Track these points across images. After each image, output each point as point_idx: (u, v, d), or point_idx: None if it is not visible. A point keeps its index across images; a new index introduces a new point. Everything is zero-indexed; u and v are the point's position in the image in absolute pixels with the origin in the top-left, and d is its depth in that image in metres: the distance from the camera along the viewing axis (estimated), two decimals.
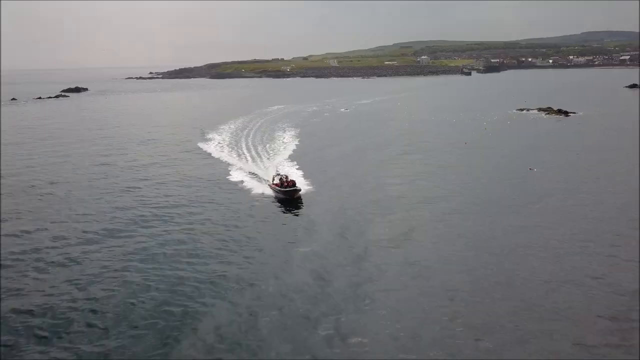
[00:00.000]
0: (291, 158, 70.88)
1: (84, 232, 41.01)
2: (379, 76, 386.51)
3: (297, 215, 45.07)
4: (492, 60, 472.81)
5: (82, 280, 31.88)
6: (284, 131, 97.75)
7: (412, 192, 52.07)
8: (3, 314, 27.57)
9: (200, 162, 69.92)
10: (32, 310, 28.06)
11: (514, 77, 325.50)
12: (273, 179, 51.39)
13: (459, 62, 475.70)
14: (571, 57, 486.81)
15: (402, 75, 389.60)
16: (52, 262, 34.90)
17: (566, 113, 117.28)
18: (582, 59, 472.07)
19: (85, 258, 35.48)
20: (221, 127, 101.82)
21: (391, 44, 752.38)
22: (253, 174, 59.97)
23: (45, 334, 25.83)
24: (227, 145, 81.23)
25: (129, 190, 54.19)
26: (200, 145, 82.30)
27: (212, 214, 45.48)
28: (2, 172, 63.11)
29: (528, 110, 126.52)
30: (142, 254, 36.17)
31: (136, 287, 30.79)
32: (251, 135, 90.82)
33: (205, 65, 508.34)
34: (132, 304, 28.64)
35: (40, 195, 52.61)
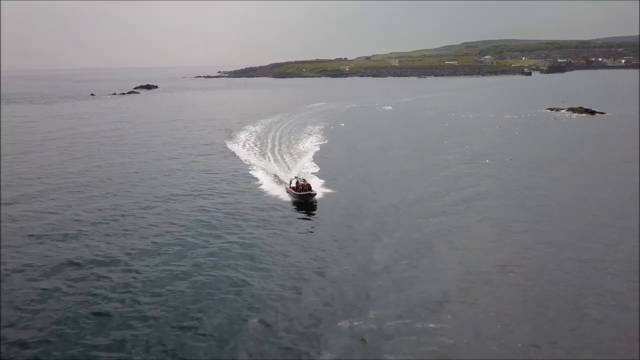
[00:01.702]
0: (315, 157, 72.26)
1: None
2: (435, 76, 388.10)
3: (308, 220, 44.26)
4: (559, 60, 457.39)
5: (86, 276, 32.57)
6: (314, 125, 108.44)
7: (428, 195, 51.43)
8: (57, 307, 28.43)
9: (222, 159, 71.94)
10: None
11: (577, 78, 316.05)
12: (290, 182, 51.70)
13: (525, 62, 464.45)
14: None
15: (460, 75, 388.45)
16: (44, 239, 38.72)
17: (593, 113, 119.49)
18: None
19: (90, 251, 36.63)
20: (252, 124, 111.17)
21: (459, 43, 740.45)
22: (275, 176, 60.29)
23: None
24: (253, 143, 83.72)
25: (152, 178, 61.20)
26: (227, 143, 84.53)
27: (224, 211, 46.32)
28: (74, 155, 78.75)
29: (558, 110, 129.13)
30: (140, 248, 37.22)
31: (137, 284, 31.12)
32: (278, 133, 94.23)
33: (269, 65, 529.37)
34: (135, 300, 29.14)
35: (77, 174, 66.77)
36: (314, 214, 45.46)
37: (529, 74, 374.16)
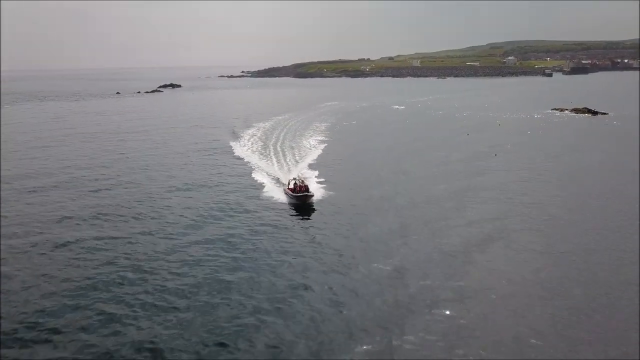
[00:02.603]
0: (317, 157, 72.66)
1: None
2: (455, 76, 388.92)
3: (302, 222, 43.53)
4: (583, 62, 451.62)
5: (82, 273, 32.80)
6: (321, 123, 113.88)
7: (423, 194, 51.65)
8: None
9: (229, 161, 71.50)
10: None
11: (598, 79, 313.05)
12: (288, 183, 51.23)
13: (549, 63, 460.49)
14: None
15: (480, 76, 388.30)
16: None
17: (595, 113, 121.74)
18: None
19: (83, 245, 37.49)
20: (261, 122, 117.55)
21: (485, 43, 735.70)
22: (275, 177, 59.65)
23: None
24: (258, 139, 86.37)
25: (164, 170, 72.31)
26: (231, 143, 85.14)
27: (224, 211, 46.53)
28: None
29: (562, 110, 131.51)
30: (139, 244, 37.82)
31: (133, 282, 31.51)
32: (284, 133, 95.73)
33: (291, 65, 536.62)
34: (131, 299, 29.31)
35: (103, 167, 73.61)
36: (309, 217, 44.35)
37: (550, 75, 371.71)
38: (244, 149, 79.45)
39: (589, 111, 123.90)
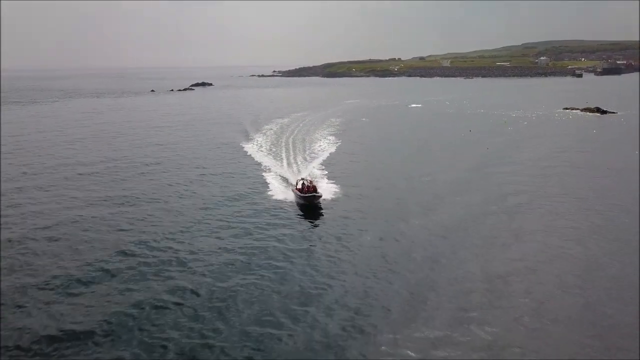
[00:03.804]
0: (328, 156, 72.82)
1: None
2: (483, 77, 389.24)
3: (310, 223, 42.74)
4: (618, 62, 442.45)
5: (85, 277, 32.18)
6: (336, 118, 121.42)
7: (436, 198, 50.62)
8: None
9: (241, 156, 73.68)
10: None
11: (630, 80, 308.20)
12: (297, 184, 50.46)
13: (583, 64, 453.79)
14: None
15: (508, 76, 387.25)
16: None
17: (604, 112, 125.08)
18: None
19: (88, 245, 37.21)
20: (279, 119, 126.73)
21: (520, 43, 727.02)
22: (283, 177, 59.17)
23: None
24: (268, 142, 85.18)
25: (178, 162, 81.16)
26: (243, 144, 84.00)
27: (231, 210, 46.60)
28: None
29: (572, 109, 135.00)
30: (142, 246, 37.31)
31: (135, 282, 31.25)
32: (297, 130, 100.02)
33: (321, 65, 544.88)
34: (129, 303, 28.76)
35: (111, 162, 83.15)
36: (319, 218, 43.74)
37: (580, 75, 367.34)
38: (256, 146, 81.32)
39: (598, 110, 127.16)
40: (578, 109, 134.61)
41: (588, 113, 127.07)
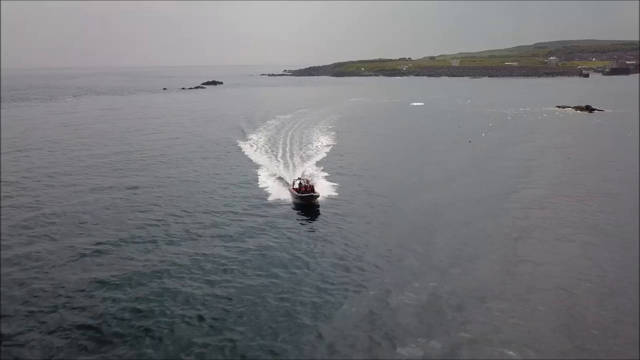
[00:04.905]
0: (326, 155, 73.43)
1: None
2: (490, 76, 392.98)
3: (308, 223, 42.62)
4: (627, 63, 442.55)
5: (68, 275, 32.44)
6: (336, 115, 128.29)
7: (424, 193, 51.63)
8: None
9: (238, 154, 74.21)
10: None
11: (634, 80, 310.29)
12: (294, 183, 50.28)
13: (594, 64, 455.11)
14: None
15: (515, 76, 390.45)
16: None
17: (592, 110, 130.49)
18: None
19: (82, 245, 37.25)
20: (281, 115, 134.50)
21: (532, 43, 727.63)
22: (280, 177, 58.72)
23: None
24: (263, 144, 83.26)
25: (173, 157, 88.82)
26: (240, 143, 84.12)
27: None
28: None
29: (565, 107, 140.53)
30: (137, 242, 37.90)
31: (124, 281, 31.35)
32: (297, 125, 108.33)
33: (331, 64, 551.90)
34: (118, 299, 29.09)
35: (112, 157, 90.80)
36: (316, 217, 43.61)
37: (587, 75, 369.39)
38: (254, 143, 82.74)
39: (587, 108, 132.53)
40: (570, 107, 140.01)
41: (578, 111, 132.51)
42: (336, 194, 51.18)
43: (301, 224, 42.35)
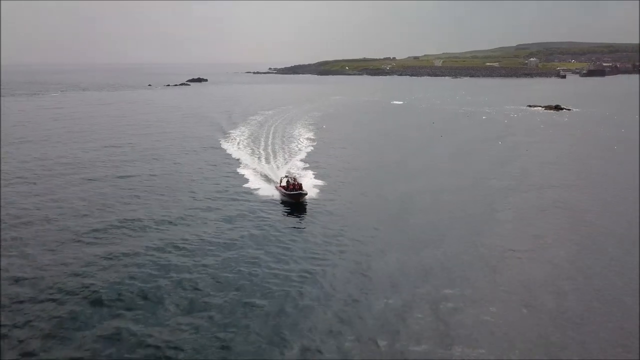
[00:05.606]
0: (308, 152, 74.35)
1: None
2: (471, 76, 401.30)
3: (297, 221, 43.05)
4: (604, 64, 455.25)
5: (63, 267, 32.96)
6: (317, 112, 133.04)
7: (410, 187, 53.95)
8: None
9: (219, 152, 73.67)
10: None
11: (611, 82, 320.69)
12: (280, 181, 50.12)
13: (572, 65, 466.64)
14: None
15: (495, 76, 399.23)
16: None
17: (560, 109, 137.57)
18: None
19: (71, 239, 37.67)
20: (265, 110, 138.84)
21: (514, 44, 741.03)
22: (264, 175, 58.61)
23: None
24: (248, 138, 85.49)
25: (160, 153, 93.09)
26: (222, 142, 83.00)
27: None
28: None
29: (535, 106, 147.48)
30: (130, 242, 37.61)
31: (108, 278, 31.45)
32: (277, 122, 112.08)
33: (315, 63, 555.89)
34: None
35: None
36: (303, 216, 44.22)
37: (564, 77, 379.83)
38: (235, 142, 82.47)
39: (555, 107, 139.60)
40: (540, 106, 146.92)
41: (546, 110, 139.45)
42: (321, 190, 51.84)
43: (289, 220, 43.24)
